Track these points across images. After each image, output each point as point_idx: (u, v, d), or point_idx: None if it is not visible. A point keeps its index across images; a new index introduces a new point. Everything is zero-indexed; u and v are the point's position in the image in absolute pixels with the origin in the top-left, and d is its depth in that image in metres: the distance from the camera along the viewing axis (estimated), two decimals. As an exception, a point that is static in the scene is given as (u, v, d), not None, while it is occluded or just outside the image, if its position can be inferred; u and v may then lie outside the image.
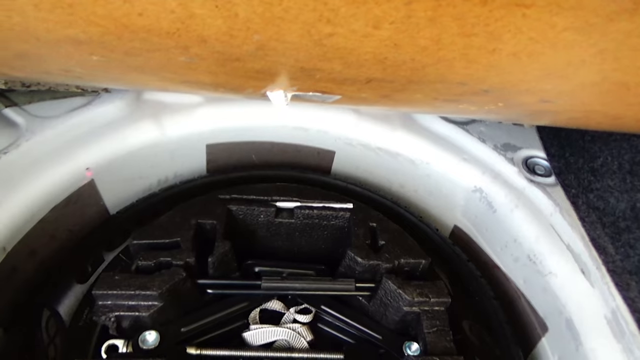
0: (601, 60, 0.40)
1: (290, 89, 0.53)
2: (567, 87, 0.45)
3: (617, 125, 0.62)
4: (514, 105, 0.53)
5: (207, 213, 0.83)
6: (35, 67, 0.51)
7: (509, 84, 0.45)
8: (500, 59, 0.39)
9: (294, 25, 0.35)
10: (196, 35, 0.37)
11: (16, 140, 0.90)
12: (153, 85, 0.58)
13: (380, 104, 0.58)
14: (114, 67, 0.45)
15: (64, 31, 0.37)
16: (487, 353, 0.81)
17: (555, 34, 0.35)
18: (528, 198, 0.95)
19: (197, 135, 1.06)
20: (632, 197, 0.82)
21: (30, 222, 0.86)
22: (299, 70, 0.43)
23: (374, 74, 0.43)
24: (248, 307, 0.83)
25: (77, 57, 0.43)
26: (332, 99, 0.57)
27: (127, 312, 0.72)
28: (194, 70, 0.45)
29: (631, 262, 0.80)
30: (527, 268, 0.91)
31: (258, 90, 0.55)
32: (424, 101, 0.54)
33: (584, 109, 0.53)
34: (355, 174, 1.13)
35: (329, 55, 0.40)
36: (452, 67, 0.41)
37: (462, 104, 0.53)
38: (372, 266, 0.81)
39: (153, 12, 0.34)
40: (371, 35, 0.36)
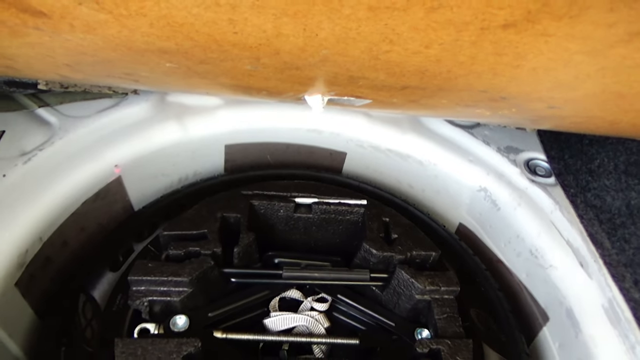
0: (602, 75, 0.47)
1: (329, 94, 0.59)
2: (573, 95, 0.51)
3: (614, 130, 0.69)
4: (525, 111, 0.59)
5: (232, 207, 0.89)
6: (101, 72, 0.56)
7: (524, 92, 0.51)
8: (521, 72, 0.46)
9: (361, 43, 0.41)
10: (273, 49, 0.43)
11: (50, 138, 0.95)
12: (202, 89, 0.63)
13: (405, 107, 0.64)
14: (180, 72, 0.51)
15: (160, 43, 0.42)
16: (493, 339, 0.86)
17: (568, 55, 0.43)
18: (530, 197, 1.02)
19: (217, 136, 1.12)
20: (627, 195, 0.88)
21: (64, 215, 0.91)
22: (347, 78, 0.49)
23: (411, 82, 0.49)
24: (269, 296, 0.88)
25: (151, 64, 0.49)
26: (362, 103, 0.63)
27: (159, 297, 0.77)
28: (251, 77, 0.51)
29: (626, 256, 0.86)
30: (529, 262, 0.97)
31: (298, 94, 0.61)
32: (447, 106, 0.60)
33: (585, 115, 0.59)
34: (366, 174, 1.19)
35: (379, 66, 0.46)
36: (480, 78, 0.47)
37: (479, 109, 0.59)
38: (385, 257, 0.86)
39: (247, 31, 0.40)
40: (420, 53, 0.42)
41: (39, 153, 0.92)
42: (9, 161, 0.89)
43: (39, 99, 1.01)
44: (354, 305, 0.88)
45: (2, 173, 0.86)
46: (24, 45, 0.45)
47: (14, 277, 0.80)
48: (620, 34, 0.39)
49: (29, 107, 1.00)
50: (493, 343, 0.86)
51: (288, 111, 1.13)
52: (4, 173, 0.87)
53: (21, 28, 0.40)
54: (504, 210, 1.04)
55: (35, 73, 0.64)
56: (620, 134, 0.80)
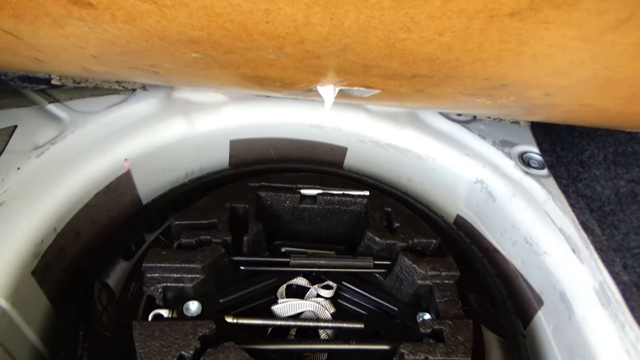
0: (594, 61, 0.51)
1: (341, 84, 0.62)
2: (568, 82, 0.55)
3: (603, 119, 0.73)
4: (523, 99, 0.63)
5: (240, 198, 0.92)
6: (125, 63, 0.59)
7: (524, 79, 0.55)
8: (523, 59, 0.50)
9: (380, 32, 0.45)
10: (299, 38, 0.47)
11: (62, 132, 0.98)
12: (218, 81, 0.66)
13: (410, 98, 0.68)
14: (202, 63, 0.54)
15: (192, 33, 0.46)
16: (491, 321, 0.91)
17: (565, 41, 0.47)
18: (524, 188, 1.06)
19: (222, 132, 1.15)
20: (616, 184, 0.93)
21: (76, 207, 0.94)
22: (362, 67, 0.53)
23: (421, 70, 0.53)
24: (276, 283, 0.92)
25: (177, 54, 0.52)
26: (370, 94, 0.66)
27: (173, 284, 0.80)
28: (270, 67, 0.54)
29: (615, 241, 0.91)
30: (524, 250, 1.02)
31: (311, 85, 0.64)
32: (450, 95, 0.64)
33: (577, 102, 0.64)
34: (366, 168, 1.23)
35: (394, 54, 0.49)
36: (485, 65, 0.51)
37: (480, 97, 0.63)
38: (388, 245, 0.90)
39: (278, 20, 0.43)
40: (434, 40, 0.46)
41: (51, 147, 0.95)
42: (22, 155, 0.91)
43: (48, 95, 1.04)
44: (358, 291, 0.92)
45: (16, 166, 0.89)
46: (59, 36, 0.48)
47: (31, 266, 0.83)
48: (611, 21, 0.44)
49: (39, 103, 1.03)
50: (491, 325, 0.90)
51: (291, 107, 1.17)
52: (19, 166, 0.89)
53: (65, 19, 0.44)
54: (500, 201, 1.08)
55: (59, 65, 0.67)
56: (608, 124, 0.85)
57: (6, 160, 0.90)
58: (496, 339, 0.88)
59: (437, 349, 0.75)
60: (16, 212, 0.84)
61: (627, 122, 0.74)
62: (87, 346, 0.76)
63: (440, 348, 0.76)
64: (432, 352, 0.75)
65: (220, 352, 0.71)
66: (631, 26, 0.46)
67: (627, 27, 0.46)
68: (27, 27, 0.47)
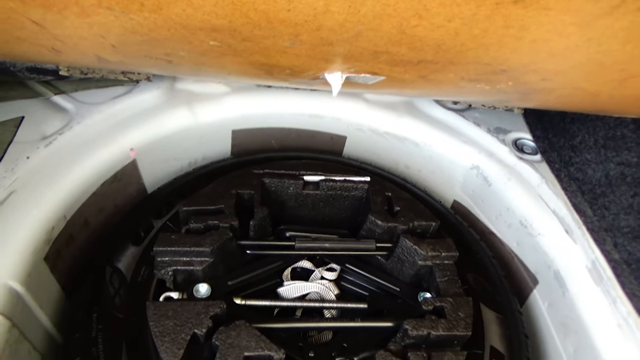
0: (589, 45, 0.54)
1: (348, 71, 0.65)
2: (563, 66, 0.59)
3: (595, 103, 0.77)
4: (520, 84, 0.66)
5: (245, 184, 0.95)
6: (142, 52, 0.62)
7: (523, 64, 0.59)
8: (523, 44, 0.53)
9: (394, 19, 0.47)
10: (316, 26, 0.49)
11: (68, 123, 1.00)
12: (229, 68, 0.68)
13: (413, 85, 0.71)
14: (217, 51, 0.56)
15: (215, 21, 0.48)
16: (489, 299, 0.94)
17: (563, 26, 0.50)
18: (518, 173, 1.10)
19: (224, 122, 1.17)
20: (606, 167, 0.97)
21: (84, 195, 0.96)
22: (371, 54, 0.56)
23: (427, 56, 0.56)
24: (282, 266, 0.94)
25: (196, 42, 0.54)
26: (375, 81, 0.69)
27: (183, 267, 0.82)
28: (283, 54, 0.56)
29: (606, 221, 0.95)
30: (519, 232, 1.06)
31: (319, 73, 0.67)
32: (452, 81, 0.67)
33: (571, 86, 0.67)
34: (365, 156, 1.26)
35: (403, 41, 0.52)
36: (487, 50, 0.54)
37: (480, 83, 0.66)
38: (390, 228, 0.93)
39: (299, 8, 0.46)
40: (443, 27, 0.49)
41: (59, 137, 0.96)
42: (31, 144, 0.93)
43: (54, 87, 1.06)
44: (361, 273, 0.95)
45: (25, 155, 0.91)
46: (84, 25, 0.50)
47: (43, 252, 0.85)
48: (604, 6, 0.47)
49: (45, 95, 1.04)
50: (489, 303, 0.94)
51: (291, 98, 1.19)
52: (28, 155, 0.91)
53: (94, 8, 0.46)
54: (495, 185, 1.12)
55: (75, 55, 0.69)
56: (599, 109, 0.88)
57: (15, 150, 0.91)
58: (494, 316, 0.92)
59: (439, 325, 0.79)
60: (27, 199, 0.86)
61: (617, 106, 0.77)
62: (101, 327, 0.79)
63: (442, 324, 0.79)
64: (435, 328, 0.78)
65: (232, 330, 0.73)
66: (622, 12, 0.50)
67: (619, 13, 0.50)
68: (54, 16, 0.49)
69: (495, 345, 0.87)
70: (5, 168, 0.88)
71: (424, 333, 0.78)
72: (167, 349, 0.70)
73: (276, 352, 0.72)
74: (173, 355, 0.69)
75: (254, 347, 0.72)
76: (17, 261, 0.78)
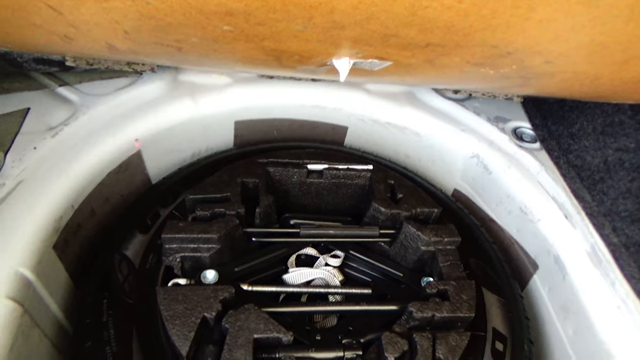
0: (593, 25, 0.56)
1: (356, 56, 0.66)
2: (567, 48, 0.60)
3: (594, 87, 0.78)
4: (524, 68, 0.68)
5: (250, 173, 0.96)
6: (154, 38, 0.62)
7: (528, 46, 0.60)
8: (530, 25, 0.54)
9: (406, 0, 0.48)
10: (330, 8, 0.50)
11: (73, 114, 1.01)
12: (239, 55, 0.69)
13: (418, 70, 0.72)
14: (229, 37, 0.57)
15: (231, 5, 0.49)
16: (491, 283, 0.96)
17: (569, 5, 0.52)
18: (518, 161, 1.12)
19: (227, 113, 1.18)
20: (604, 153, 0.99)
21: (91, 185, 0.97)
22: (381, 37, 0.57)
23: (435, 38, 0.57)
24: (287, 253, 0.96)
25: (209, 28, 0.55)
26: (382, 66, 0.70)
27: (190, 253, 0.83)
28: (294, 39, 0.57)
29: (605, 206, 0.97)
30: (519, 218, 1.07)
31: (327, 58, 0.68)
32: (457, 65, 0.68)
33: (573, 70, 0.69)
34: (366, 147, 1.28)
35: (414, 22, 0.53)
36: (494, 32, 0.56)
37: (484, 67, 0.68)
38: (393, 215, 0.95)
39: None
40: (453, 7, 0.50)
41: (65, 128, 0.97)
42: (38, 135, 0.94)
43: (58, 78, 1.07)
44: (365, 259, 0.96)
45: (33, 146, 0.92)
46: (101, 10, 0.51)
47: (52, 241, 0.86)
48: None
49: (50, 86, 1.05)
50: (491, 287, 0.96)
51: (293, 88, 1.21)
52: (35, 146, 0.92)
53: (114, -7, 0.47)
54: (495, 173, 1.13)
55: (86, 43, 0.70)
56: (598, 94, 0.90)
57: (22, 141, 0.92)
58: (496, 299, 0.94)
59: (443, 307, 0.81)
60: (35, 189, 0.87)
61: (617, 90, 0.79)
62: (112, 313, 0.80)
63: (446, 306, 0.81)
64: (439, 310, 0.80)
65: (241, 313, 0.75)
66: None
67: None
68: (71, 1, 0.50)
69: (497, 327, 0.89)
70: (13, 158, 0.89)
71: (429, 315, 0.79)
72: (178, 332, 0.71)
73: (284, 334, 0.74)
74: (184, 338, 0.71)
75: (263, 330, 0.74)
76: (27, 249, 0.80)
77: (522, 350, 0.87)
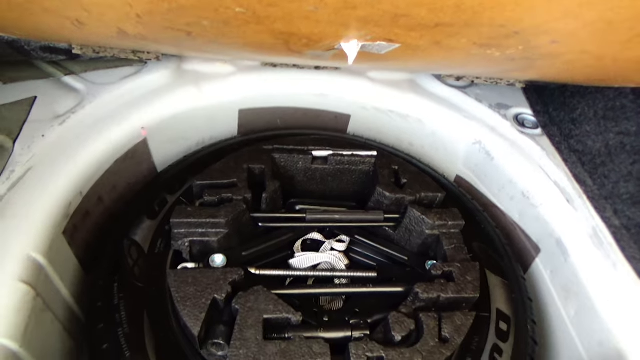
0: (602, 1, 0.56)
1: (365, 38, 0.67)
2: (574, 26, 0.61)
3: (598, 69, 0.79)
4: (530, 48, 0.69)
5: (256, 159, 0.97)
6: (166, 22, 0.63)
7: (535, 25, 0.60)
8: (539, 2, 0.55)
9: None
10: None
11: (80, 102, 1.02)
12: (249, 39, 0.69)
13: (425, 53, 0.73)
14: (241, 19, 0.58)
15: None
16: (494, 266, 0.98)
17: None
18: (520, 147, 1.13)
19: (231, 101, 1.19)
20: (606, 137, 1.00)
21: (98, 172, 0.98)
22: (391, 17, 0.57)
23: (445, 18, 0.58)
24: (293, 238, 0.97)
25: (222, 10, 0.55)
26: (389, 49, 0.71)
27: (198, 238, 0.85)
28: (305, 20, 0.58)
29: (606, 190, 0.99)
30: (522, 203, 1.09)
31: (336, 41, 0.69)
32: (464, 47, 0.69)
33: (579, 49, 0.69)
34: (369, 134, 1.29)
35: (424, 1, 0.54)
36: (503, 10, 0.56)
37: (491, 48, 0.69)
38: (397, 199, 0.96)
39: None
40: None
41: (72, 116, 0.98)
42: (45, 123, 0.95)
43: (64, 68, 1.08)
44: (370, 244, 0.97)
45: (41, 133, 0.93)
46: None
47: (62, 226, 0.87)
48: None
49: (55, 75, 1.06)
50: (494, 269, 0.97)
51: (297, 77, 1.21)
52: (43, 133, 0.93)
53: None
54: (497, 159, 1.15)
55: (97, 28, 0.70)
56: (601, 76, 0.90)
57: (30, 128, 0.93)
58: (500, 281, 0.95)
59: (448, 288, 0.82)
60: (44, 175, 0.88)
61: (619, 72, 0.80)
62: (123, 296, 0.81)
63: (452, 287, 0.82)
64: (444, 291, 0.81)
65: (251, 295, 0.76)
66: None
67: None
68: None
69: (501, 308, 0.91)
70: (22, 145, 0.90)
71: (434, 296, 0.81)
72: (190, 313, 0.73)
73: (294, 314, 0.75)
74: (195, 319, 0.72)
75: (273, 310, 0.75)
76: (38, 234, 0.81)
77: (525, 330, 0.89)
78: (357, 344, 0.73)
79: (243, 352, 0.70)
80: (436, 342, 0.75)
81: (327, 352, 0.71)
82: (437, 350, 0.74)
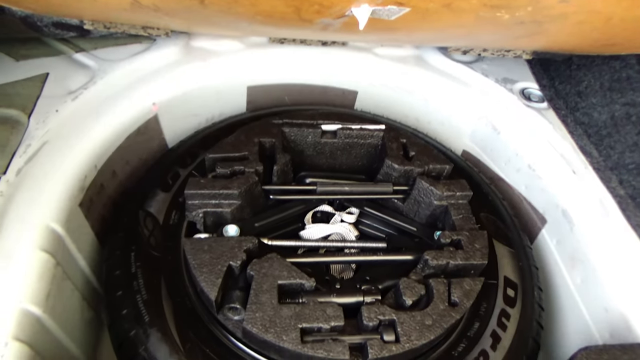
0: None
1: (375, 2, 0.68)
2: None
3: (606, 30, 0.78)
4: (539, 9, 0.69)
5: (266, 133, 0.98)
6: None
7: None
8: None
9: None
10: None
11: (92, 79, 1.03)
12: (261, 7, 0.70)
13: (435, 17, 0.73)
14: None
15: None
16: (501, 235, 1.00)
17: None
18: (526, 120, 1.14)
19: (239, 78, 1.20)
20: (611, 109, 1.01)
21: (112, 147, 1.00)
22: None
23: None
24: (304, 210, 0.99)
25: None
26: (399, 14, 0.72)
27: (212, 209, 0.86)
28: None
29: (612, 161, 1.00)
30: (528, 175, 1.10)
31: (346, 7, 0.69)
32: (474, 9, 0.69)
33: (587, 9, 0.69)
34: (376, 110, 1.30)
35: None
36: None
37: (500, 10, 0.69)
38: (406, 171, 0.98)
39: None
40: None
41: (84, 92, 1.00)
42: (59, 99, 0.97)
43: (74, 45, 1.09)
44: (379, 215, 0.99)
45: (54, 108, 0.94)
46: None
47: (78, 199, 0.89)
48: None
49: (66, 53, 1.07)
50: (501, 239, 0.99)
51: (304, 53, 1.22)
52: (57, 109, 0.95)
53: None
54: (504, 133, 1.16)
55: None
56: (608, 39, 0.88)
57: (44, 104, 0.95)
58: (507, 250, 0.97)
59: (457, 255, 0.84)
60: (60, 149, 0.89)
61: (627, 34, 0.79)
62: (140, 264, 0.83)
63: (460, 254, 0.84)
64: (453, 257, 0.83)
65: (265, 262, 0.78)
66: None
67: None
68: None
69: (508, 275, 0.93)
70: (37, 120, 0.92)
71: (443, 263, 0.83)
72: (206, 279, 0.75)
73: (307, 280, 0.77)
74: (212, 284, 0.74)
75: (287, 276, 0.77)
76: (56, 205, 0.83)
77: (532, 296, 0.91)
78: (369, 307, 0.75)
79: (259, 315, 0.72)
80: (446, 306, 0.77)
81: (340, 314, 0.73)
82: (447, 314, 0.76)
